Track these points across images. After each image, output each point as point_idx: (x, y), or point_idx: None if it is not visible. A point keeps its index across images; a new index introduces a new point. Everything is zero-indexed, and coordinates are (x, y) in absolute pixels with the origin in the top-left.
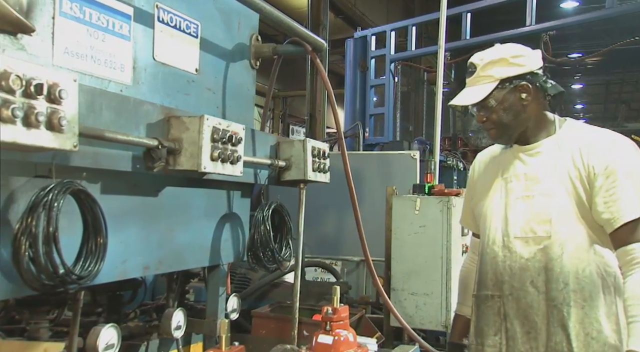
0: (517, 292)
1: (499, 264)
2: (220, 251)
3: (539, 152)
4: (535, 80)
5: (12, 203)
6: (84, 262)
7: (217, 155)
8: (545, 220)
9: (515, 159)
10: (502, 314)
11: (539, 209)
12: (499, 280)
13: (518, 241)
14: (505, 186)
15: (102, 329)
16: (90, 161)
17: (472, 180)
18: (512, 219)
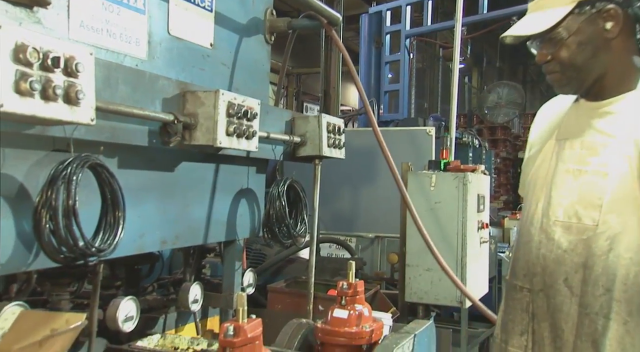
0: (548, 290)
1: (532, 250)
2: (236, 226)
3: (610, 113)
4: (629, 4)
5: (31, 177)
6: (103, 235)
7: (232, 130)
8: (594, 205)
9: (578, 118)
10: (531, 312)
11: (589, 189)
12: (530, 271)
13: (559, 225)
14: (557, 153)
15: (122, 302)
16: (107, 136)
17: (531, 136)
18: (556, 197)
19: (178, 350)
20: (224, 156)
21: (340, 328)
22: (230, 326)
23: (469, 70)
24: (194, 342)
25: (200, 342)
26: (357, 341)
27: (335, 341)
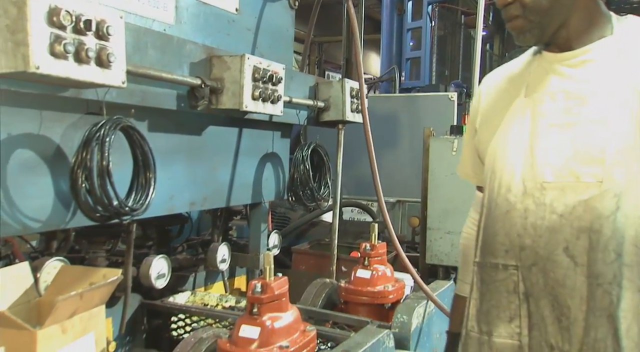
0: (544, 263)
1: (516, 221)
2: (262, 189)
3: (587, 61)
4: None
5: (67, 138)
6: (135, 195)
7: (258, 94)
8: (596, 158)
9: (549, 73)
10: (522, 293)
11: (585, 142)
12: (515, 244)
13: (549, 188)
14: (532, 110)
15: (154, 260)
16: (137, 99)
17: (476, 110)
18: (542, 155)
19: (207, 306)
20: (250, 120)
21: (363, 288)
22: (258, 283)
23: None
24: (222, 299)
25: (228, 299)
26: (380, 300)
27: (358, 300)
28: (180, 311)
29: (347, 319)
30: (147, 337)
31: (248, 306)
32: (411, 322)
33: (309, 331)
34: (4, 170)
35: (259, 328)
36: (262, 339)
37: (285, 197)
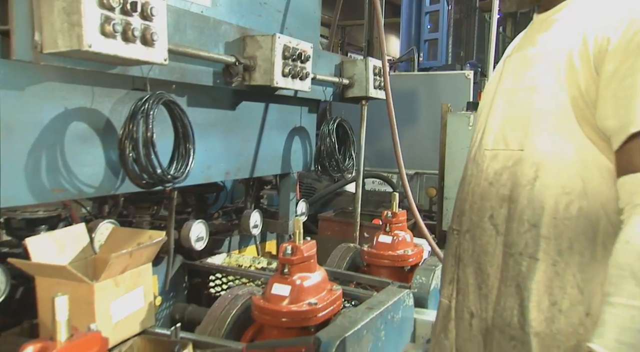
0: (475, 230)
1: (464, 187)
2: (291, 161)
3: (554, 21)
4: None
5: (115, 112)
6: (176, 164)
7: (287, 71)
8: (521, 125)
9: (526, 33)
10: (456, 258)
11: (517, 108)
12: (459, 209)
13: (488, 155)
14: (500, 75)
15: (193, 224)
16: (177, 76)
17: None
18: (490, 122)
19: (241, 267)
20: (280, 96)
21: (385, 251)
22: (289, 246)
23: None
24: (255, 261)
25: (260, 261)
26: (400, 263)
27: (380, 263)
28: (217, 271)
29: (369, 280)
30: (188, 293)
31: (279, 267)
32: (429, 283)
33: (335, 290)
34: (61, 141)
35: (290, 286)
36: (293, 296)
37: (312, 168)
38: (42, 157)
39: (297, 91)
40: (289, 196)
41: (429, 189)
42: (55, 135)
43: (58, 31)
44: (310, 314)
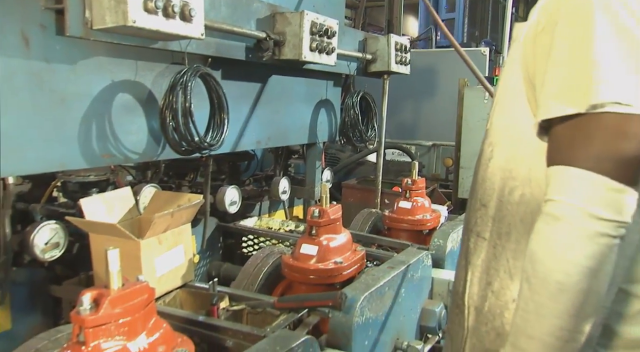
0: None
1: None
2: (317, 131)
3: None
4: None
5: (157, 84)
6: (212, 133)
7: (315, 46)
8: (495, 102)
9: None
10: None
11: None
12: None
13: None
14: None
15: (227, 189)
16: (213, 50)
17: None
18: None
19: (271, 229)
20: (307, 70)
21: (405, 216)
22: (316, 209)
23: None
24: (284, 224)
25: (289, 224)
26: (419, 227)
27: (400, 227)
28: (249, 233)
29: (390, 242)
30: (223, 253)
31: (307, 228)
32: (446, 245)
33: (359, 251)
34: (109, 111)
35: (317, 247)
36: (320, 255)
37: (336, 138)
38: (92, 125)
39: (323, 65)
40: (315, 164)
41: (446, 159)
42: (104, 105)
43: (106, 8)
44: (336, 272)
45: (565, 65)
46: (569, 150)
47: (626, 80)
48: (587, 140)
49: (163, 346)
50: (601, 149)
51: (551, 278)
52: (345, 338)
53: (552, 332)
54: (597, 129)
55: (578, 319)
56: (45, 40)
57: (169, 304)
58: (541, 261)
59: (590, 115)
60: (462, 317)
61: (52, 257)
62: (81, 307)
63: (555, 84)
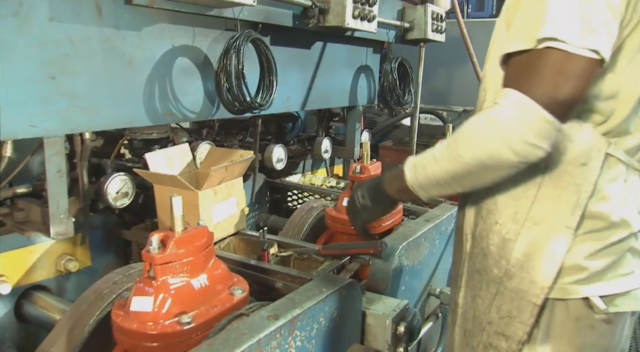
0: None
1: None
2: (357, 95)
3: None
4: None
5: (212, 49)
6: (262, 94)
7: (357, 13)
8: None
9: None
10: None
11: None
12: None
13: None
14: None
15: (274, 147)
16: (263, 17)
17: None
18: None
19: (314, 185)
20: (349, 37)
21: None
22: (358, 165)
23: None
24: (325, 180)
25: (330, 181)
26: None
27: None
28: (294, 188)
29: None
30: (270, 206)
31: (350, 183)
32: None
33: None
34: (170, 73)
35: None
36: None
37: (375, 102)
38: (155, 86)
39: (364, 32)
40: (354, 126)
41: None
42: (165, 68)
43: None
44: (376, 224)
45: (525, 11)
46: (517, 79)
47: (570, 21)
48: (531, 73)
49: (221, 284)
50: (541, 83)
51: (458, 149)
52: (384, 283)
53: (435, 174)
54: (540, 64)
55: (454, 182)
56: (115, 9)
57: (223, 249)
58: (462, 136)
59: (536, 51)
60: (462, 244)
61: (122, 205)
62: (150, 247)
63: (516, 26)
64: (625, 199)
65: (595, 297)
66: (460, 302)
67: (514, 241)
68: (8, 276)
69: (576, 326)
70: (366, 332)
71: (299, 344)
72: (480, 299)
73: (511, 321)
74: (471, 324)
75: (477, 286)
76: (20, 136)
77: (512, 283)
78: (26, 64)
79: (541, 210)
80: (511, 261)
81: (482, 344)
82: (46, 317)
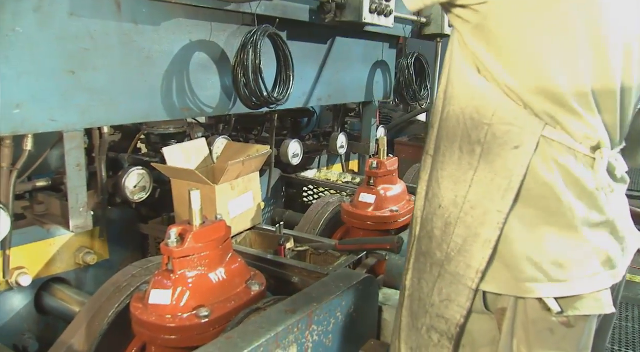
0: None
1: None
2: (373, 90)
3: None
4: None
5: (229, 44)
6: (279, 88)
7: (374, 8)
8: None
9: None
10: None
11: None
12: None
13: None
14: None
15: (290, 142)
16: (280, 12)
17: None
18: None
19: (330, 181)
20: (365, 32)
21: None
22: (375, 161)
23: None
24: (341, 176)
25: (345, 176)
26: None
27: None
28: (309, 183)
29: None
30: (285, 201)
31: (366, 178)
32: None
33: (413, 201)
34: (187, 68)
35: (375, 196)
36: (377, 204)
37: (391, 97)
38: (173, 81)
39: (381, 27)
40: (370, 122)
41: None
42: (182, 63)
43: None
44: (392, 220)
45: None
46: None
47: None
48: None
49: (238, 278)
50: None
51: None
52: (400, 279)
53: None
54: None
55: None
56: (134, 4)
57: (240, 243)
58: None
59: None
60: (412, 227)
61: (140, 199)
62: (169, 240)
63: None
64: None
65: (550, 299)
66: (407, 285)
67: (454, 225)
68: (28, 268)
69: (534, 328)
70: (383, 327)
71: (316, 339)
72: (425, 281)
73: (450, 304)
74: (417, 306)
75: (423, 269)
76: (41, 130)
77: (451, 267)
78: (47, 59)
79: (477, 194)
80: (451, 244)
81: (425, 326)
82: (65, 309)
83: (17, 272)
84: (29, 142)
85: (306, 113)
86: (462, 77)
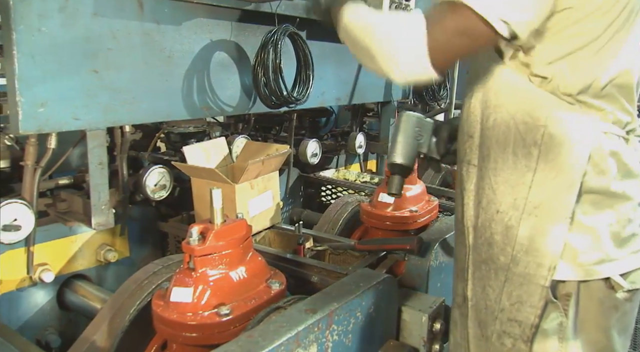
0: None
1: None
2: (391, 90)
3: None
4: None
5: (249, 43)
6: (298, 88)
7: (394, 6)
8: None
9: None
10: None
11: None
12: None
13: None
14: None
15: (309, 142)
16: (300, 12)
17: None
18: None
19: (348, 180)
20: None
21: None
22: None
23: None
24: (359, 175)
25: (364, 176)
26: None
27: None
28: (328, 183)
29: None
30: (303, 200)
31: (385, 178)
32: None
33: (433, 201)
34: (207, 67)
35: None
36: (397, 203)
37: (410, 97)
38: (194, 80)
39: None
40: (389, 121)
41: None
42: (203, 62)
43: None
44: (411, 220)
45: None
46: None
47: None
48: (439, 19)
49: (259, 277)
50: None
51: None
52: (420, 280)
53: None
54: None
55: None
56: (156, 4)
57: (259, 242)
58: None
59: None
60: (464, 238)
61: (160, 197)
62: (191, 239)
63: None
64: (627, 170)
65: (617, 276)
66: (469, 295)
67: (517, 227)
68: (51, 265)
69: (601, 308)
70: (402, 328)
71: (336, 339)
72: (490, 288)
73: (522, 306)
74: (484, 315)
75: (486, 276)
76: (64, 129)
77: (519, 268)
78: (71, 59)
79: (539, 194)
80: (516, 246)
81: (495, 333)
82: (87, 305)
83: (41, 268)
84: (53, 141)
85: (324, 112)
86: (510, 86)
